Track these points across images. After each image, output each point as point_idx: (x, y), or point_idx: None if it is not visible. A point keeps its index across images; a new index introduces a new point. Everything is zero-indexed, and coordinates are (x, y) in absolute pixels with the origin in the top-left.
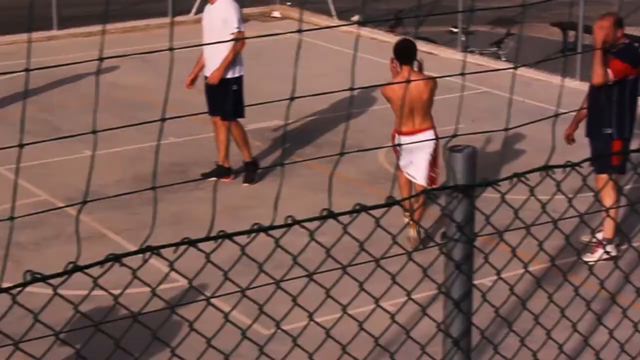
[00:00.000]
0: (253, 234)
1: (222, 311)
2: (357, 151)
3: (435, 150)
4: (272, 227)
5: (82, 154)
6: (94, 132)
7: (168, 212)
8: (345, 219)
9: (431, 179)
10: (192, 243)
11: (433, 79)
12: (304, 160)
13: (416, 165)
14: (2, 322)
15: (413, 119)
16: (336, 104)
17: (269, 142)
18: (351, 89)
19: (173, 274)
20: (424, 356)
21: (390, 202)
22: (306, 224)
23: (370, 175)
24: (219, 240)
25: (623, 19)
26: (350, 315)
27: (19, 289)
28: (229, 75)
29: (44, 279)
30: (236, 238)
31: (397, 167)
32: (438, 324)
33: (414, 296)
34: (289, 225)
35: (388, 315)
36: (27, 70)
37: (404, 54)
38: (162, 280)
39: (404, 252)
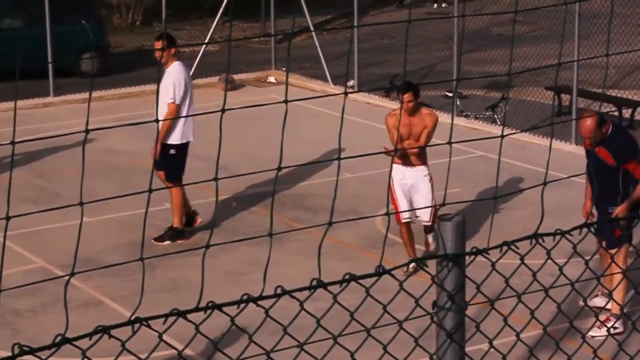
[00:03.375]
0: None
1: None
2: (347, 220)
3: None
4: (261, 298)
5: (79, 221)
6: (81, 203)
7: (165, 278)
8: (336, 287)
9: (435, 214)
10: (181, 314)
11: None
12: (293, 230)
13: (418, 203)
14: None
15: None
16: (331, 169)
17: (265, 208)
18: (339, 158)
19: (168, 340)
20: None
21: (380, 272)
22: (298, 293)
23: (367, 240)
24: (209, 311)
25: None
26: None
27: None
28: (167, 142)
29: (32, 351)
30: (227, 308)
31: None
32: None
33: None
34: (278, 296)
35: None
36: (12, 142)
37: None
38: (153, 350)
39: (395, 321)
